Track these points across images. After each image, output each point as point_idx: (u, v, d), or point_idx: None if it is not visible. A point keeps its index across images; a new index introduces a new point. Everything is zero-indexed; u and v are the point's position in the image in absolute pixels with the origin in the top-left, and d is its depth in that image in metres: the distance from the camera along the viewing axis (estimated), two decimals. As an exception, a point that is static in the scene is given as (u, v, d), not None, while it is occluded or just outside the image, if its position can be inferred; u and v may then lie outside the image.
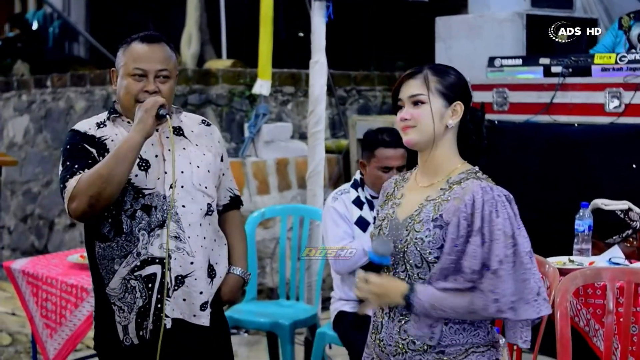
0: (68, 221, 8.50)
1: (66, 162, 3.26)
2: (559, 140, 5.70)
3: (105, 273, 3.33)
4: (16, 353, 6.51)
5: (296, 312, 5.34)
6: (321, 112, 5.61)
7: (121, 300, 3.32)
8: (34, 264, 4.89)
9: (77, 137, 3.32)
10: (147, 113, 3.20)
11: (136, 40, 3.37)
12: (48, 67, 11.53)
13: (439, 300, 2.80)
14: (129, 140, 3.18)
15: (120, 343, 3.34)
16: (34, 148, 9.05)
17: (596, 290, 3.88)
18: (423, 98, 2.91)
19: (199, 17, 10.19)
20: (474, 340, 2.89)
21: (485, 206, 2.80)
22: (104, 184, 3.13)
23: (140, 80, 3.31)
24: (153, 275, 3.30)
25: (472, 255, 2.78)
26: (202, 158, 3.44)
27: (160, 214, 3.30)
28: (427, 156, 2.97)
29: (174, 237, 3.31)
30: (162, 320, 3.32)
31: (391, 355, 2.95)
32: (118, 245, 3.30)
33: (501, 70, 6.26)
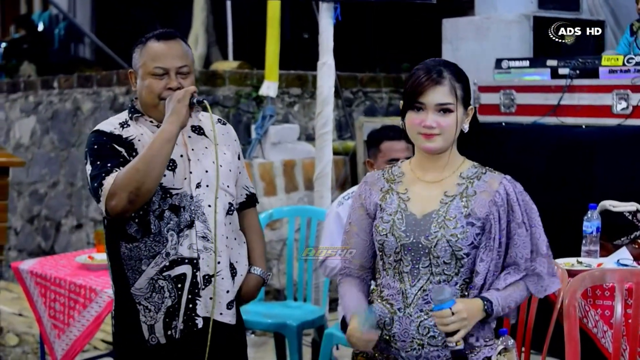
0: (75, 222, 8.51)
1: (96, 162, 3.22)
2: (567, 142, 5.70)
3: (132, 273, 3.31)
4: (23, 354, 6.52)
5: (304, 313, 5.34)
6: (329, 114, 5.61)
7: (148, 300, 3.30)
8: (42, 264, 4.90)
9: (104, 137, 3.29)
10: (181, 103, 3.20)
11: (152, 39, 3.36)
12: (54, 68, 11.56)
13: (506, 300, 2.93)
14: (163, 133, 3.18)
15: (145, 343, 3.33)
16: (40, 149, 9.06)
17: (604, 292, 3.88)
18: (452, 107, 2.92)
19: (206, 18, 10.21)
20: (487, 334, 2.99)
21: (519, 197, 2.94)
22: (143, 178, 3.13)
23: (162, 78, 3.31)
24: (183, 275, 3.30)
25: (523, 245, 2.94)
26: (223, 157, 3.43)
27: (188, 214, 3.30)
28: (436, 155, 2.99)
29: (201, 237, 3.31)
30: (194, 319, 3.32)
31: (402, 351, 2.96)
32: (146, 245, 3.29)
33: (508, 71, 6.26)
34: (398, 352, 2.97)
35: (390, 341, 2.98)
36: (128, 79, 3.44)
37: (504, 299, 2.91)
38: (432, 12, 7.61)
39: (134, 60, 3.39)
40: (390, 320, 2.99)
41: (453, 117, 2.91)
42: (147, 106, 3.37)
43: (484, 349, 2.96)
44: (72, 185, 8.60)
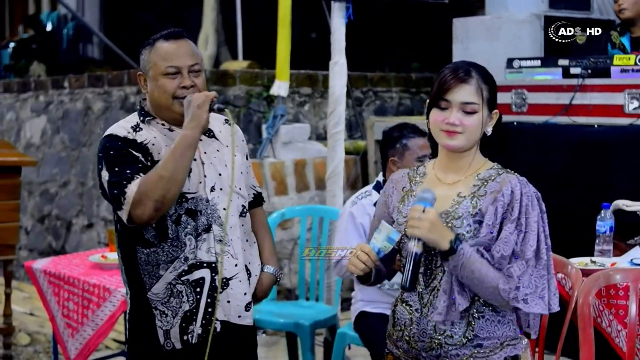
0: (85, 222, 8.53)
1: (114, 168, 3.20)
2: (579, 141, 5.69)
3: (148, 278, 3.30)
4: (35, 353, 6.54)
5: (316, 313, 5.35)
6: (341, 113, 5.62)
7: (165, 304, 3.29)
8: (56, 263, 4.91)
9: (119, 141, 3.26)
10: (201, 108, 3.19)
11: (160, 40, 3.34)
12: (63, 68, 11.58)
13: (475, 261, 2.85)
14: (185, 139, 3.17)
15: (161, 348, 3.31)
16: (51, 149, 9.08)
17: (618, 291, 3.88)
18: (476, 107, 2.93)
19: (215, 18, 10.22)
20: (508, 333, 2.98)
21: (523, 198, 2.89)
22: (168, 186, 3.12)
23: (174, 77, 3.29)
24: (202, 279, 3.29)
25: (505, 241, 2.87)
26: (234, 159, 3.41)
27: (205, 218, 3.29)
28: (456, 156, 3.01)
29: (219, 241, 3.31)
30: (213, 323, 3.31)
31: (423, 351, 2.98)
32: (164, 250, 3.27)
33: (520, 71, 6.25)
34: (419, 353, 2.99)
35: (411, 342, 3.00)
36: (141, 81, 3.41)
37: (473, 257, 2.83)
38: (443, 11, 7.62)
39: (143, 62, 3.37)
40: (409, 321, 3.01)
41: (477, 117, 2.92)
42: (160, 107, 3.35)
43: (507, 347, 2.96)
44: (83, 184, 8.62)
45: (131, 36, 12.95)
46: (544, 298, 2.88)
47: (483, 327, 2.93)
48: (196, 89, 3.30)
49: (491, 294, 2.88)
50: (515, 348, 2.97)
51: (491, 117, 2.98)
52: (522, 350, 2.99)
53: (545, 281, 2.88)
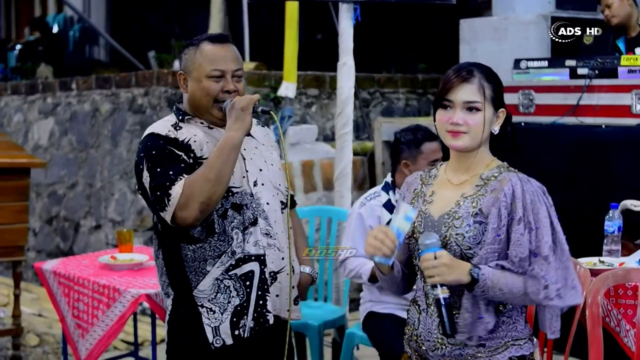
0: (93, 223, 8.55)
1: (156, 169, 3.22)
2: (586, 141, 5.70)
3: (194, 275, 3.30)
4: (44, 354, 6.56)
5: (324, 313, 5.36)
6: (349, 114, 5.63)
7: (212, 301, 3.30)
8: (65, 264, 4.93)
9: (160, 140, 3.27)
10: (245, 111, 3.22)
11: (205, 42, 3.37)
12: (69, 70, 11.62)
13: (499, 278, 2.83)
14: (230, 140, 3.19)
15: (209, 346, 3.30)
16: (59, 150, 9.10)
17: (627, 291, 3.88)
18: (479, 106, 2.93)
19: (222, 19, 10.24)
20: (513, 334, 2.95)
21: (526, 195, 2.86)
22: (214, 187, 3.15)
23: (218, 81, 3.32)
24: (251, 272, 3.31)
25: (518, 243, 2.84)
26: (271, 157, 3.49)
27: (251, 212, 3.32)
28: (464, 156, 3.01)
29: (265, 234, 3.34)
30: (266, 316, 3.33)
31: (429, 351, 2.99)
32: (211, 245, 3.29)
33: (527, 72, 6.26)
34: (426, 352, 3.00)
35: (418, 341, 3.01)
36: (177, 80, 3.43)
37: (496, 276, 2.82)
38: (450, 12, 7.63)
39: (186, 61, 3.39)
40: (417, 321, 3.03)
41: (480, 116, 2.93)
42: (199, 108, 3.38)
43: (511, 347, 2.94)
44: (91, 186, 8.64)
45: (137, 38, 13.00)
46: (576, 288, 2.89)
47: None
48: (237, 94, 3.34)
49: (522, 300, 2.88)
50: (521, 348, 2.95)
51: (498, 116, 2.98)
52: (529, 351, 2.97)
53: (572, 271, 2.89)
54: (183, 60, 3.41)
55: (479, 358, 2.93)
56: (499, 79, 2.99)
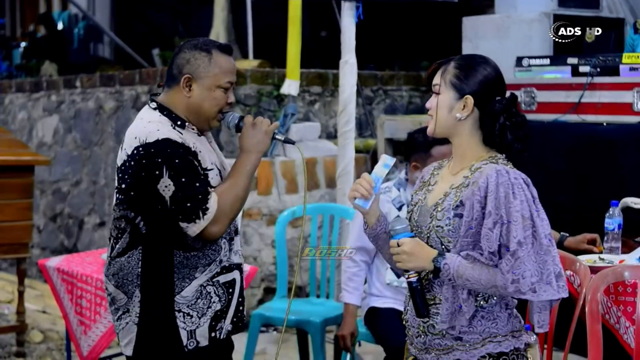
0: (97, 220, 8.58)
1: (180, 179, 3.19)
2: (588, 139, 5.72)
3: (181, 281, 3.30)
4: (48, 350, 6.58)
5: (326, 310, 5.38)
6: (351, 112, 5.65)
7: (191, 307, 3.32)
8: (69, 261, 4.95)
9: (180, 149, 3.22)
10: (267, 135, 3.33)
11: (216, 50, 3.33)
12: (74, 67, 11.64)
13: (466, 269, 2.84)
14: (254, 162, 3.33)
15: (182, 348, 3.32)
16: (63, 148, 9.13)
17: (627, 288, 3.89)
18: (437, 89, 2.98)
19: (226, 17, 10.26)
20: (492, 330, 2.93)
21: (500, 188, 2.83)
22: (242, 205, 3.30)
23: (226, 92, 3.35)
24: (233, 280, 3.39)
25: (486, 237, 2.84)
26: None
27: (234, 222, 3.40)
28: (453, 145, 3.03)
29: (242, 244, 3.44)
30: (243, 320, 3.45)
31: (414, 337, 3.04)
32: (204, 254, 3.32)
33: (529, 70, 6.27)
34: (412, 338, 3.06)
35: (408, 327, 3.08)
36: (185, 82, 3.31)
37: (463, 266, 2.83)
38: (453, 10, 7.65)
39: (197, 67, 3.31)
40: (405, 308, 3.10)
41: (438, 99, 2.97)
42: (199, 115, 3.34)
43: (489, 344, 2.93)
44: (95, 183, 8.67)
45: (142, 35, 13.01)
46: (552, 283, 2.82)
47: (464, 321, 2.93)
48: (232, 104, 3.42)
49: (495, 292, 2.88)
50: (500, 345, 2.93)
51: (465, 103, 2.93)
52: (509, 348, 2.93)
53: (550, 266, 2.82)
54: (192, 64, 3.31)
55: (457, 350, 2.95)
56: (480, 67, 2.95)
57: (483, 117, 2.94)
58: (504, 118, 2.93)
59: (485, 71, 2.94)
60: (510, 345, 2.94)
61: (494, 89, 2.96)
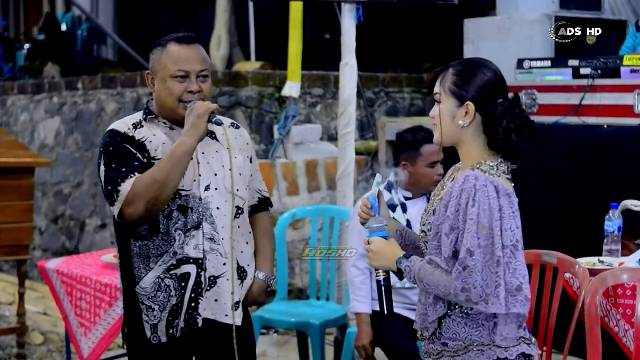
0: (99, 222, 8.58)
1: (111, 164, 3.29)
2: (588, 141, 5.71)
3: (138, 271, 3.37)
4: (48, 352, 6.58)
5: (326, 312, 5.38)
6: (351, 114, 5.64)
7: (151, 299, 3.36)
8: (68, 263, 4.95)
9: (118, 137, 3.34)
10: (200, 118, 3.27)
11: (172, 42, 3.40)
12: (77, 69, 11.64)
13: (425, 274, 2.84)
14: (182, 145, 3.24)
15: (147, 342, 3.39)
16: (64, 150, 9.14)
17: (626, 291, 3.88)
18: (437, 97, 2.96)
19: (228, 19, 10.26)
20: (474, 338, 2.89)
21: (462, 194, 2.79)
22: (161, 189, 3.21)
23: (182, 81, 3.36)
24: (187, 274, 3.35)
25: (443, 242, 2.83)
26: (233, 161, 3.48)
27: (196, 215, 3.35)
28: (459, 152, 3.00)
29: (208, 239, 3.37)
30: (195, 318, 3.37)
31: (420, 339, 3.05)
32: (154, 244, 3.34)
33: (530, 71, 6.27)
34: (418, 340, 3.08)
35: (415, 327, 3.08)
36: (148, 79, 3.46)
37: (424, 270, 2.83)
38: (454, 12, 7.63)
39: (152, 61, 3.43)
40: None
41: (439, 107, 2.95)
42: (164, 107, 3.41)
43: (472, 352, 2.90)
44: (96, 185, 8.67)
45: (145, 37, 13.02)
46: (499, 297, 2.75)
47: (449, 326, 2.91)
48: (202, 94, 3.38)
49: (453, 299, 2.83)
50: (482, 354, 2.87)
51: (466, 109, 2.89)
52: (491, 358, 2.86)
53: (500, 279, 2.75)
54: (151, 60, 3.45)
55: (444, 356, 2.95)
56: (477, 71, 2.90)
57: (486, 122, 2.89)
58: (507, 120, 2.87)
59: (483, 75, 2.90)
60: (493, 355, 2.87)
61: (494, 92, 2.91)
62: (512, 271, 2.78)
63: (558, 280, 3.99)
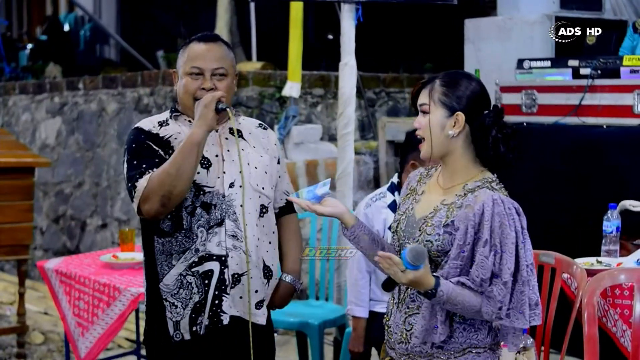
0: (100, 222, 8.59)
1: (133, 161, 3.32)
2: (588, 141, 5.70)
3: (161, 268, 3.38)
4: (49, 352, 6.59)
5: (325, 312, 5.38)
6: (351, 114, 5.63)
7: (174, 296, 3.36)
8: (67, 263, 4.95)
9: (142, 135, 3.38)
10: (207, 108, 3.26)
11: (194, 41, 3.44)
12: (80, 69, 11.66)
13: (457, 295, 2.85)
14: (192, 136, 3.24)
15: (170, 339, 3.38)
16: (66, 150, 9.15)
17: (624, 291, 3.88)
18: (426, 108, 2.98)
19: (229, 19, 10.26)
20: (472, 341, 2.97)
21: (495, 218, 2.86)
22: (174, 182, 3.21)
23: (197, 78, 3.38)
24: (210, 271, 3.35)
25: (481, 265, 2.86)
26: (259, 159, 3.48)
27: (219, 212, 3.35)
28: (444, 162, 3.05)
29: (231, 236, 3.35)
30: (220, 316, 3.36)
31: (396, 342, 3.05)
32: (177, 241, 3.35)
33: (530, 72, 6.26)
34: (394, 343, 3.07)
35: (389, 332, 3.08)
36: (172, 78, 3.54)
37: (454, 292, 2.84)
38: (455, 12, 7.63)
39: (178, 60, 3.48)
40: (391, 312, 3.10)
41: (428, 118, 2.97)
42: (184, 105, 3.44)
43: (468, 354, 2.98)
44: (97, 185, 8.68)
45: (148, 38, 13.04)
46: (524, 313, 2.89)
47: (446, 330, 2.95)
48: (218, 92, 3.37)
49: (474, 315, 2.92)
50: (479, 356, 2.97)
51: (456, 120, 2.95)
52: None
53: (525, 297, 2.89)
54: (177, 59, 3.50)
55: (437, 359, 2.97)
56: (465, 82, 2.99)
57: (474, 132, 2.97)
58: (496, 131, 2.96)
59: (471, 86, 2.98)
60: (488, 358, 2.99)
61: (481, 103, 3.00)
62: (532, 287, 2.91)
63: (556, 280, 3.98)
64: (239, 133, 3.50)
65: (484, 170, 3.01)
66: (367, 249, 3.17)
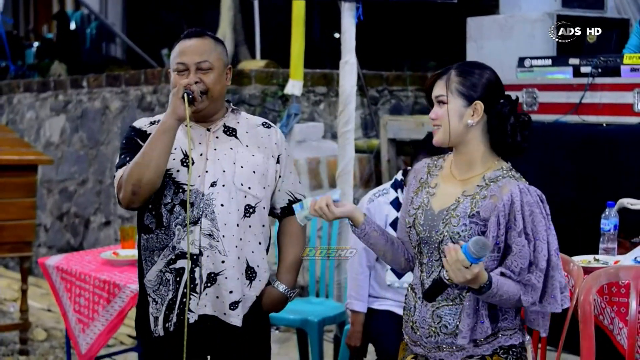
0: (103, 219, 8.61)
1: (120, 156, 3.41)
2: (588, 140, 5.71)
3: (145, 264, 3.43)
4: (51, 348, 6.61)
5: (325, 310, 5.40)
6: (351, 112, 5.63)
7: (155, 292, 3.40)
8: (68, 260, 4.98)
9: (133, 132, 3.46)
10: (175, 97, 3.28)
11: (182, 39, 3.46)
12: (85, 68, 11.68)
13: (503, 286, 2.90)
14: (161, 125, 3.27)
15: (151, 334, 3.42)
16: (70, 147, 9.17)
17: (620, 289, 3.88)
18: (444, 98, 3.01)
19: (233, 17, 10.27)
20: (503, 324, 3.03)
21: (525, 207, 2.92)
22: (142, 170, 3.23)
23: (183, 74, 3.38)
24: (181, 269, 3.35)
25: (520, 254, 2.92)
26: (248, 159, 3.44)
27: (197, 211, 3.34)
28: (458, 152, 3.07)
29: (207, 235, 3.34)
30: (185, 314, 3.35)
31: (424, 337, 3.06)
32: (158, 237, 3.38)
33: (531, 70, 6.27)
34: (421, 338, 3.07)
35: (414, 327, 3.09)
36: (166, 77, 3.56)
37: (501, 285, 2.88)
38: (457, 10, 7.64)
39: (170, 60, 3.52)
40: (413, 308, 3.10)
41: (446, 108, 3.00)
42: None
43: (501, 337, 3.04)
44: (101, 182, 8.71)
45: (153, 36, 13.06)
46: (556, 297, 2.97)
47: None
48: (201, 85, 3.37)
49: (513, 304, 2.98)
50: (510, 338, 3.04)
51: (474, 110, 3.00)
52: (518, 341, 3.06)
53: (556, 281, 2.96)
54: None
55: (469, 348, 3.01)
56: (480, 72, 3.04)
57: (491, 121, 3.01)
58: (514, 119, 3.01)
59: (487, 75, 3.04)
60: (519, 338, 3.07)
61: (498, 92, 3.05)
62: (560, 272, 2.99)
63: (553, 278, 3.98)
64: (233, 131, 3.48)
65: (499, 160, 3.06)
66: (376, 245, 3.20)
